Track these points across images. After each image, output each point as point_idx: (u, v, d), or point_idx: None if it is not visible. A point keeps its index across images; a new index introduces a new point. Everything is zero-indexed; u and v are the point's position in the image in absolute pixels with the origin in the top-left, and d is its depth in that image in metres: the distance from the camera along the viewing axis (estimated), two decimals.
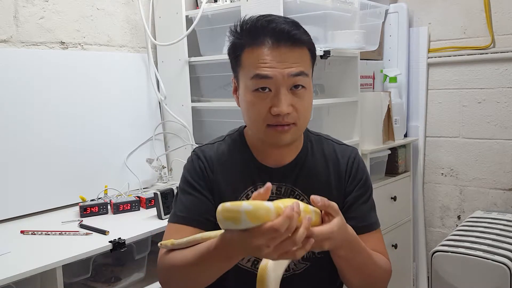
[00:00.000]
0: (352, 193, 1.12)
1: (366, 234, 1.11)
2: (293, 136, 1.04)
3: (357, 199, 1.12)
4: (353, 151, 1.17)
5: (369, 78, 2.49)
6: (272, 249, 0.80)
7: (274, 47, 0.99)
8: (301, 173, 1.11)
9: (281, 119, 1.00)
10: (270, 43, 0.99)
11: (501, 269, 1.79)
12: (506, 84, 2.36)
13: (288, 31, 1.00)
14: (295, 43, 1.00)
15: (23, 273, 1.11)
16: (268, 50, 0.99)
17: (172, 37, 1.97)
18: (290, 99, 1.00)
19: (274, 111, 0.99)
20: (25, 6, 1.72)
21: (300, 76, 1.00)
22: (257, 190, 0.84)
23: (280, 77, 0.99)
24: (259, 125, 1.02)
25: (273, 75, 0.98)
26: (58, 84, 1.74)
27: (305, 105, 1.03)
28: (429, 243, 2.64)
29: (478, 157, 2.47)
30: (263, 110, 1.00)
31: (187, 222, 1.05)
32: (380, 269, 1.07)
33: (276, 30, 1.00)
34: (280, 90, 0.99)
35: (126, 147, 1.94)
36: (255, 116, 1.02)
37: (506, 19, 2.33)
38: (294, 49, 1.00)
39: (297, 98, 1.01)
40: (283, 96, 0.99)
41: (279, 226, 0.78)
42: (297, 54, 1.01)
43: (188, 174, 1.12)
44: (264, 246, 0.80)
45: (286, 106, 0.99)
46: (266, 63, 0.99)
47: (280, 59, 0.99)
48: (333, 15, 1.80)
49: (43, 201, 1.65)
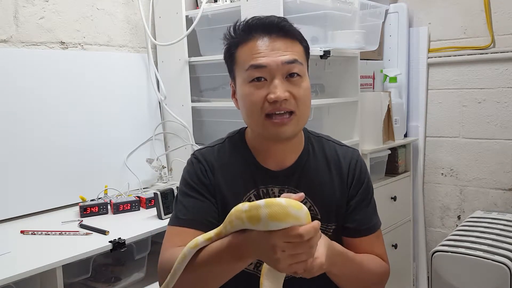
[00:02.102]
0: (356, 197, 1.12)
1: (368, 236, 1.12)
2: (293, 129, 1.03)
3: (360, 203, 1.12)
4: (355, 152, 1.16)
5: (369, 78, 2.49)
6: (287, 255, 0.81)
7: (266, 38, 1.02)
8: (304, 175, 1.10)
9: (279, 105, 0.99)
10: (262, 35, 1.02)
11: (501, 269, 1.79)
12: (506, 84, 2.36)
13: (278, 22, 1.03)
14: (286, 34, 1.03)
15: (23, 273, 1.12)
16: (260, 41, 1.02)
17: (172, 37, 1.97)
18: (286, 86, 1.00)
19: (271, 97, 0.99)
20: (25, 6, 1.72)
21: (294, 64, 1.01)
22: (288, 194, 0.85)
23: (274, 65, 1.00)
24: (257, 116, 1.02)
25: (267, 64, 1.00)
26: (58, 84, 1.74)
27: (302, 92, 1.02)
28: (429, 243, 2.64)
29: (478, 157, 2.47)
30: (260, 99, 1.00)
31: (188, 225, 1.04)
32: (373, 275, 1.09)
33: (266, 23, 1.03)
34: (275, 77, 1.00)
35: (126, 147, 1.94)
36: (253, 106, 1.02)
37: (506, 19, 2.33)
38: (286, 39, 1.03)
39: (294, 85, 1.01)
40: (278, 82, 1.00)
41: (305, 233, 0.79)
42: (289, 43, 1.03)
43: (188, 176, 1.10)
44: (279, 248, 0.80)
45: (282, 91, 0.99)
46: (260, 52, 1.01)
47: (273, 48, 1.01)
48: (333, 15, 1.80)
49: (43, 201, 1.65)
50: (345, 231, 1.12)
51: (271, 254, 0.81)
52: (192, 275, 0.94)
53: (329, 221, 1.10)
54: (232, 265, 0.91)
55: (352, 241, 1.12)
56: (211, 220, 1.05)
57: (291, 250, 0.81)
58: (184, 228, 1.04)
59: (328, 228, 1.10)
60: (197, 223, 1.04)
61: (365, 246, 1.12)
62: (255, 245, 0.84)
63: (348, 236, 1.12)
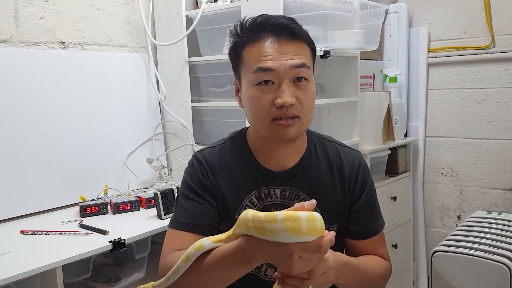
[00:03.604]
0: (360, 199, 1.12)
1: (371, 238, 1.12)
2: (297, 131, 1.03)
3: (365, 206, 1.12)
4: (357, 154, 1.16)
5: (369, 78, 2.49)
6: (301, 260, 0.83)
7: (274, 40, 1.00)
8: (305, 176, 1.09)
9: (285, 110, 0.99)
10: (271, 37, 1.01)
11: (501, 269, 1.79)
12: (506, 84, 2.36)
13: (287, 24, 1.02)
14: (295, 36, 1.02)
15: (23, 273, 1.11)
16: (269, 43, 1.00)
17: (172, 37, 1.97)
18: (293, 91, 1.00)
19: (278, 102, 0.98)
20: (25, 6, 1.72)
21: (302, 68, 1.00)
22: (301, 203, 0.86)
23: (282, 69, 0.99)
24: (264, 119, 1.01)
25: (275, 67, 0.99)
26: (58, 84, 1.74)
27: (308, 98, 1.02)
28: (429, 243, 2.64)
29: (478, 157, 2.47)
30: (267, 103, 1.00)
31: (188, 229, 1.04)
32: (377, 278, 1.10)
33: (275, 24, 1.02)
34: (283, 81, 0.99)
35: (126, 147, 1.94)
36: (259, 110, 1.01)
37: (506, 19, 2.33)
38: (295, 42, 1.01)
39: (300, 90, 1.01)
40: (286, 87, 0.99)
41: (324, 245, 0.84)
42: (297, 46, 1.02)
43: (189, 178, 1.10)
44: (296, 255, 0.82)
45: (290, 96, 0.98)
46: (268, 55, 0.99)
47: (281, 51, 1.00)
48: (333, 15, 1.80)
49: (43, 201, 1.65)
50: (349, 234, 1.12)
51: (286, 260, 0.83)
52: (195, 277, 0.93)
53: (331, 222, 1.09)
54: (239, 269, 0.91)
55: (356, 244, 1.12)
56: (212, 223, 1.05)
57: (306, 256, 0.83)
58: (183, 232, 1.04)
59: (330, 229, 1.09)
60: (197, 227, 1.04)
61: (368, 248, 1.12)
62: (268, 251, 0.85)
63: (352, 238, 1.12)
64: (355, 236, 1.12)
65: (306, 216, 0.81)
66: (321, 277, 0.88)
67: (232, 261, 0.90)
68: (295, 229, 0.80)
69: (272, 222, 0.81)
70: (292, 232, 0.80)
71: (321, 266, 0.87)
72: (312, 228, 0.81)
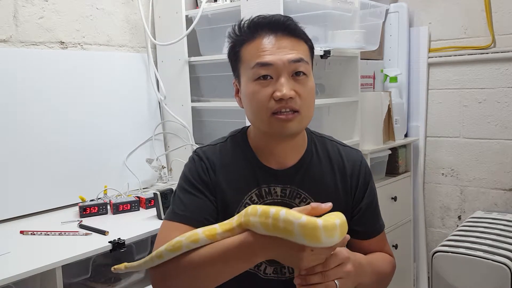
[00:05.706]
0: (364, 199, 1.12)
1: (377, 236, 1.14)
2: (297, 126, 1.02)
3: (368, 206, 1.13)
4: (358, 154, 1.16)
5: (370, 78, 2.48)
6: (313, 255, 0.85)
7: (272, 36, 1.02)
8: (307, 175, 1.09)
9: (285, 103, 0.99)
10: (268, 34, 1.02)
11: (502, 269, 1.79)
12: (506, 84, 2.36)
13: (284, 21, 1.04)
14: (292, 33, 1.03)
15: (23, 273, 1.11)
16: (266, 39, 1.02)
17: (172, 37, 1.97)
18: (292, 85, 1.00)
19: (277, 95, 0.99)
20: (24, 6, 1.72)
21: (300, 63, 1.01)
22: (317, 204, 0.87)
23: (281, 63, 0.99)
24: (263, 114, 1.01)
25: (273, 62, 0.99)
26: (57, 84, 1.74)
27: (307, 92, 1.02)
28: (429, 243, 2.63)
29: (479, 157, 2.46)
30: (266, 97, 1.00)
31: (185, 221, 1.03)
32: (388, 274, 1.13)
33: (272, 21, 1.04)
34: (282, 75, 1.00)
35: (126, 147, 1.93)
36: (258, 104, 1.01)
37: (506, 19, 2.33)
38: (292, 38, 1.03)
39: (299, 84, 1.01)
40: (285, 80, 0.99)
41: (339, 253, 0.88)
42: (294, 42, 1.03)
43: (189, 173, 1.09)
44: (309, 249, 0.83)
45: (289, 90, 0.99)
46: (266, 50, 1.01)
47: (279, 46, 1.01)
48: (333, 15, 1.80)
49: (43, 201, 1.65)
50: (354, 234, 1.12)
51: (298, 260, 0.85)
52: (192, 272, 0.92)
53: None
54: (240, 264, 0.90)
55: (361, 243, 1.12)
56: (209, 219, 1.04)
57: (318, 251, 0.85)
58: (180, 224, 1.02)
59: None
60: (194, 220, 1.03)
61: (374, 246, 1.14)
62: (277, 247, 0.85)
63: (358, 238, 1.12)
64: (360, 235, 1.12)
65: (324, 225, 0.80)
66: (338, 269, 0.89)
67: (234, 256, 0.88)
68: (312, 237, 0.80)
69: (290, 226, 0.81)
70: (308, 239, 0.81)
71: (333, 257, 0.88)
72: (330, 237, 0.81)
